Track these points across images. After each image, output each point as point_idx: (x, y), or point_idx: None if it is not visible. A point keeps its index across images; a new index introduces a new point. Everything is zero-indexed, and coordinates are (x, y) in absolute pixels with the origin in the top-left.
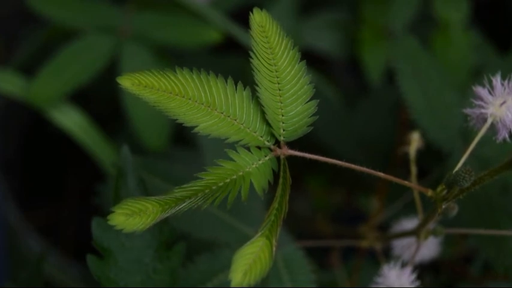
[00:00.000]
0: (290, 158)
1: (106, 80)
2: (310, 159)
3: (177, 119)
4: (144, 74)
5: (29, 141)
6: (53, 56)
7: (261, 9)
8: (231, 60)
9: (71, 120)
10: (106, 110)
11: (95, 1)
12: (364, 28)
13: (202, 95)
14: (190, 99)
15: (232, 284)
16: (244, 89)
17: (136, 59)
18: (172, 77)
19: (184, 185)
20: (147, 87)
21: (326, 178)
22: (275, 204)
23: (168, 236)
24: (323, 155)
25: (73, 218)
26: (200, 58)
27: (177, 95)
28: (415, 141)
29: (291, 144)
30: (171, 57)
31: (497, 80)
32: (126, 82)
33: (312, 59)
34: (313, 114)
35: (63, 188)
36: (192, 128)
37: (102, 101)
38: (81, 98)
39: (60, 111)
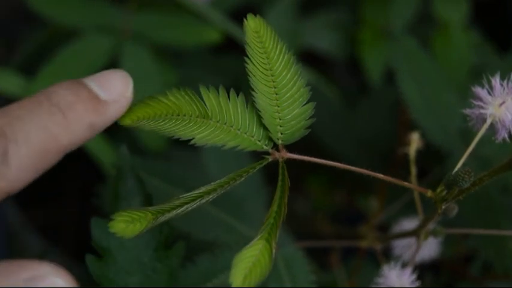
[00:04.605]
0: (289, 159)
1: None
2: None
3: (173, 136)
4: (137, 106)
5: None
6: (53, 56)
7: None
8: (231, 60)
9: None
10: None
11: (95, 1)
12: (364, 28)
13: (195, 108)
14: (185, 115)
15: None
16: (238, 94)
17: (136, 59)
18: (164, 100)
19: (184, 195)
20: (144, 119)
21: (326, 178)
22: (274, 207)
23: (167, 236)
24: (323, 155)
25: (73, 218)
26: (200, 58)
27: (172, 114)
28: (414, 141)
29: (290, 146)
30: (171, 57)
31: (496, 80)
32: (127, 121)
33: (312, 59)
34: (313, 115)
35: (63, 188)
36: None
37: None
38: None
39: None
